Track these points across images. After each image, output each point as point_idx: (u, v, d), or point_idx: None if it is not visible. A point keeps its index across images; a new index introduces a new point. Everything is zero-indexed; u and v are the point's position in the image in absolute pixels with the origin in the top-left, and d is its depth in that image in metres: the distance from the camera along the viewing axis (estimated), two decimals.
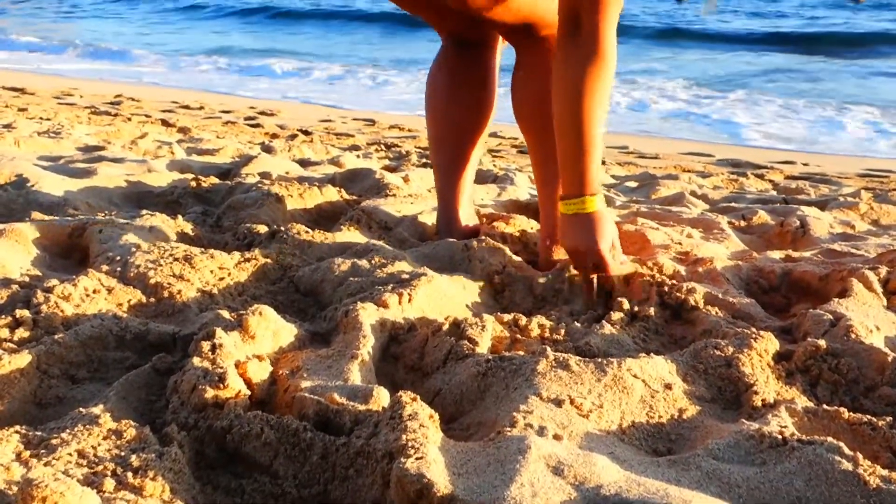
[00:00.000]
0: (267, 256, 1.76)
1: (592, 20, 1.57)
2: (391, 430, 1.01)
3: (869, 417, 1.14)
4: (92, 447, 0.99)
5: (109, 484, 0.91)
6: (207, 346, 1.22)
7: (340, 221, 2.09)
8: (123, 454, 0.98)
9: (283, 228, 1.92)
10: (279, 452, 1.05)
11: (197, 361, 1.18)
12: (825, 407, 1.17)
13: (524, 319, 1.50)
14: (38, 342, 1.29)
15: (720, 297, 1.63)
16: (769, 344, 1.35)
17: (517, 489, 0.91)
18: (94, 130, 4.80)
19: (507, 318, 1.50)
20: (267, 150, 3.98)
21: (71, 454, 0.97)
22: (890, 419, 1.13)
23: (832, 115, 8.10)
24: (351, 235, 1.98)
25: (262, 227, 1.95)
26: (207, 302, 1.57)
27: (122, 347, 1.36)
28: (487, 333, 1.40)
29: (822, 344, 1.34)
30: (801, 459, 0.99)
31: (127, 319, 1.40)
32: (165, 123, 6.12)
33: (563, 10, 1.62)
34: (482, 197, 2.66)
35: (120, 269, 1.63)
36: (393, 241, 2.01)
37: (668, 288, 1.64)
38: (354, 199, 2.38)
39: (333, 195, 2.34)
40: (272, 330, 1.36)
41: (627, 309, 1.58)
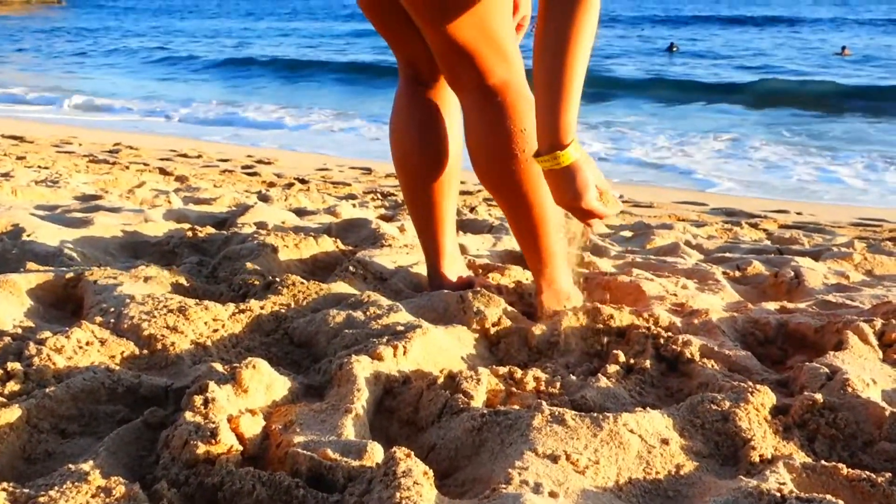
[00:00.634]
0: (262, 307, 1.75)
1: None
2: (385, 486, 1.00)
3: (868, 473, 1.12)
4: None
5: None
6: (200, 399, 1.21)
7: (336, 272, 2.09)
8: None
9: (278, 279, 1.92)
10: None
11: (189, 416, 1.17)
12: (823, 463, 1.16)
13: (520, 372, 1.49)
14: (28, 395, 1.28)
15: (716, 349, 1.62)
16: (766, 398, 1.34)
17: None
18: (91, 179, 4.83)
19: (502, 371, 1.50)
20: (263, 199, 4.00)
21: None
22: (889, 475, 1.12)
23: (824, 163, 8.20)
24: (346, 286, 1.97)
25: (257, 278, 1.95)
26: (201, 354, 1.56)
27: (113, 401, 1.34)
28: (482, 387, 1.40)
29: (818, 398, 1.33)
30: None
31: (119, 372, 1.39)
32: (163, 172, 6.16)
33: None
34: (477, 247, 2.67)
35: (114, 320, 1.62)
36: (388, 292, 2.01)
37: (663, 340, 1.64)
38: (350, 249, 2.38)
39: (329, 245, 2.35)
40: (265, 383, 1.35)
41: (623, 361, 1.57)
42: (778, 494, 1.03)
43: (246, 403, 1.28)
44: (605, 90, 13.53)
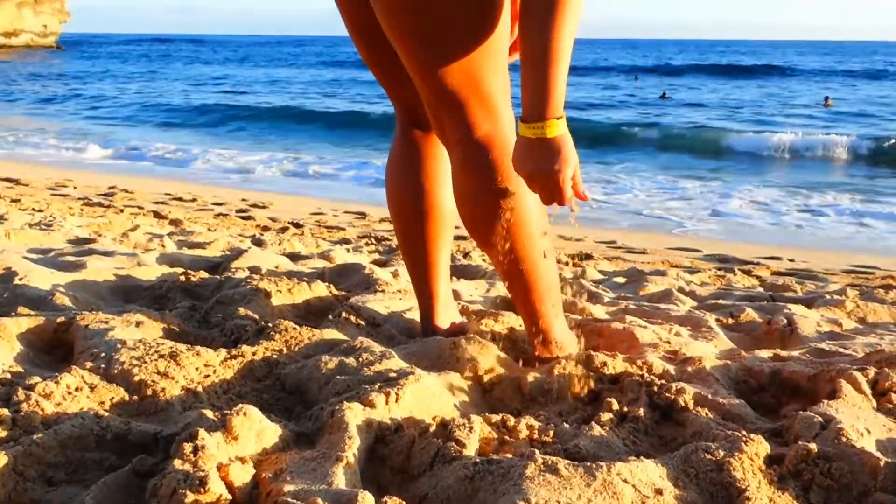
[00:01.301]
0: (254, 353, 1.74)
1: None
2: None
3: None
4: None
5: None
6: (189, 447, 1.20)
7: (328, 318, 2.08)
8: None
9: (270, 325, 1.92)
10: None
11: (178, 464, 1.16)
12: None
13: (512, 420, 1.48)
14: (16, 442, 1.26)
15: (710, 397, 1.62)
16: (760, 447, 1.33)
17: None
18: (85, 222, 4.84)
19: (495, 418, 1.49)
20: (257, 243, 4.00)
21: None
22: None
23: (816, 206, 8.28)
24: (339, 332, 1.97)
25: (249, 323, 1.94)
26: (192, 400, 1.55)
27: (102, 448, 1.33)
28: (475, 435, 1.38)
29: (813, 447, 1.32)
30: None
31: (108, 418, 1.38)
32: (157, 215, 6.17)
33: None
34: (470, 293, 2.67)
35: (104, 365, 1.61)
36: (381, 338, 2.00)
37: (657, 388, 1.63)
38: (343, 294, 2.38)
39: (322, 291, 2.35)
40: (256, 430, 1.33)
41: (617, 409, 1.56)
42: None
43: (236, 451, 1.27)
44: (598, 137, 13.70)
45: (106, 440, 1.33)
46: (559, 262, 1.60)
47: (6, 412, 1.34)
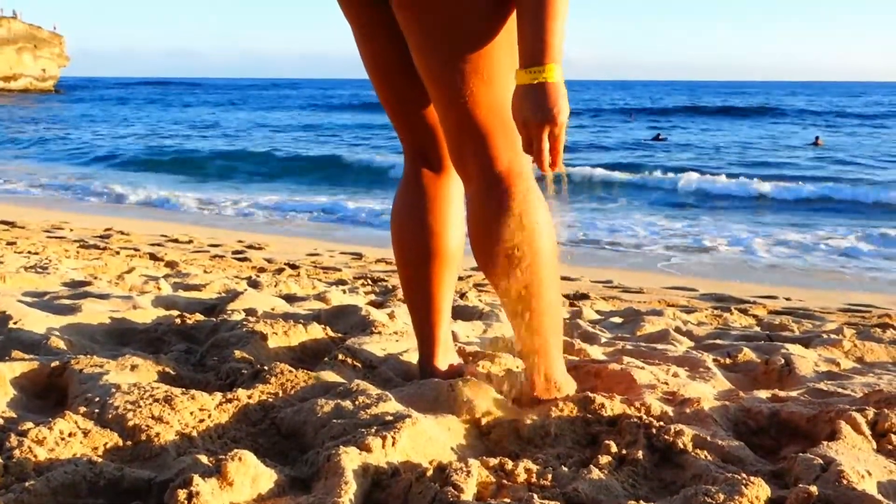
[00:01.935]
0: (249, 397, 1.73)
1: None
2: None
3: None
4: None
5: None
6: (184, 494, 1.19)
7: (325, 360, 2.07)
8: None
9: (266, 367, 1.90)
10: None
11: None
12: None
13: (510, 464, 1.47)
14: (7, 490, 1.24)
15: (709, 439, 1.60)
16: (760, 490, 1.32)
17: None
18: (81, 265, 4.83)
19: (492, 462, 1.47)
20: (253, 284, 4.00)
21: None
22: None
23: (811, 243, 8.32)
24: (335, 375, 1.96)
25: (245, 366, 1.93)
26: (186, 445, 1.53)
27: (94, 494, 1.31)
28: (473, 479, 1.37)
29: (813, 490, 1.31)
30: None
31: (101, 465, 1.36)
32: (153, 257, 6.16)
33: None
34: (467, 334, 2.66)
35: (98, 410, 1.60)
36: (377, 380, 1.99)
37: (656, 430, 1.62)
38: (339, 336, 2.37)
39: (318, 333, 2.34)
40: (251, 476, 1.32)
41: (615, 451, 1.55)
42: None
43: (231, 497, 1.25)
44: (593, 177, 13.79)
45: (99, 487, 1.31)
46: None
47: None
